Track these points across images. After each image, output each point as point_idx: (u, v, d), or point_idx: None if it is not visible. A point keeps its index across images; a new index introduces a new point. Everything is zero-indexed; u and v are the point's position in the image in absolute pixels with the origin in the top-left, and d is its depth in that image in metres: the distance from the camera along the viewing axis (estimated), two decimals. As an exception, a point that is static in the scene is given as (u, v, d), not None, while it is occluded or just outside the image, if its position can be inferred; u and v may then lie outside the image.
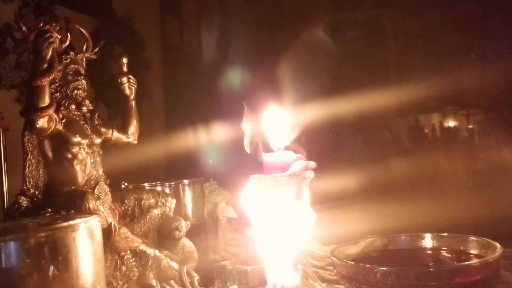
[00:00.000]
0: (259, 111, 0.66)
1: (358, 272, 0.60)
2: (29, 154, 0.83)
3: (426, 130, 4.48)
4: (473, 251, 0.65)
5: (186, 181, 1.11)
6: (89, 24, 2.95)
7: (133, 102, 0.98)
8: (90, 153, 0.87)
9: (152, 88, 3.57)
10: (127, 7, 3.43)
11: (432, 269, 0.60)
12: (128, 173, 1.18)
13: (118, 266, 0.83)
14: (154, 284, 0.86)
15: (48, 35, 0.79)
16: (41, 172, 0.84)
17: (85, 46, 0.92)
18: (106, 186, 0.88)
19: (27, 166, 0.83)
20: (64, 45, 0.86)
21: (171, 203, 0.95)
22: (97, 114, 0.92)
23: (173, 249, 0.92)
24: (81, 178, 0.85)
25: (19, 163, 0.84)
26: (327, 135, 3.88)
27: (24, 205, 0.81)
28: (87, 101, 0.90)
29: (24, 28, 0.81)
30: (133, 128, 0.98)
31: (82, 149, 0.85)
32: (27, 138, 0.83)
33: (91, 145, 0.87)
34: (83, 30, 0.93)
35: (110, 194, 0.88)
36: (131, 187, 0.99)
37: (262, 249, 0.63)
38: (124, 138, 0.97)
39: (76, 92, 0.86)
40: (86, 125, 0.88)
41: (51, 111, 0.79)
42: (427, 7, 3.95)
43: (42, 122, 0.78)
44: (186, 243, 0.94)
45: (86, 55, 0.91)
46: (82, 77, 0.88)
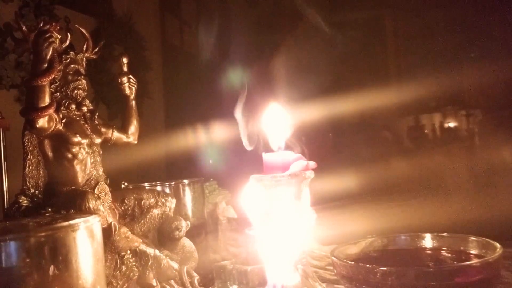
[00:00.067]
0: (259, 111, 0.66)
1: (358, 272, 0.60)
2: (29, 154, 0.83)
3: (426, 130, 4.47)
4: (473, 251, 0.65)
5: (186, 181, 1.11)
6: (89, 24, 2.95)
7: (133, 102, 0.98)
8: (90, 153, 0.87)
9: (152, 88, 3.57)
10: (127, 7, 3.43)
11: (432, 269, 0.60)
12: (128, 173, 1.18)
13: (118, 266, 0.83)
14: (154, 284, 0.86)
15: (48, 35, 0.79)
16: (41, 172, 0.84)
17: (85, 46, 0.92)
18: (106, 186, 0.88)
19: (27, 165, 0.83)
20: (64, 45, 0.86)
21: (171, 203, 0.95)
22: (97, 114, 0.92)
23: (173, 249, 0.93)
24: (81, 178, 0.85)
25: (19, 163, 0.84)
26: (327, 135, 3.88)
27: (24, 204, 0.81)
28: (87, 101, 0.90)
29: (24, 28, 0.81)
30: (133, 128, 0.98)
31: (82, 149, 0.85)
32: (27, 138, 0.83)
33: (91, 145, 0.87)
34: (83, 30, 0.93)
35: (110, 194, 0.88)
36: (131, 187, 0.99)
37: (262, 249, 0.63)
38: (124, 138, 0.97)
39: (76, 92, 0.86)
40: (86, 125, 0.88)
41: (51, 111, 0.79)
42: (427, 7, 3.94)
43: (42, 122, 0.78)
44: (186, 243, 0.94)
45: (86, 55, 0.91)
46: (82, 77, 0.88)
